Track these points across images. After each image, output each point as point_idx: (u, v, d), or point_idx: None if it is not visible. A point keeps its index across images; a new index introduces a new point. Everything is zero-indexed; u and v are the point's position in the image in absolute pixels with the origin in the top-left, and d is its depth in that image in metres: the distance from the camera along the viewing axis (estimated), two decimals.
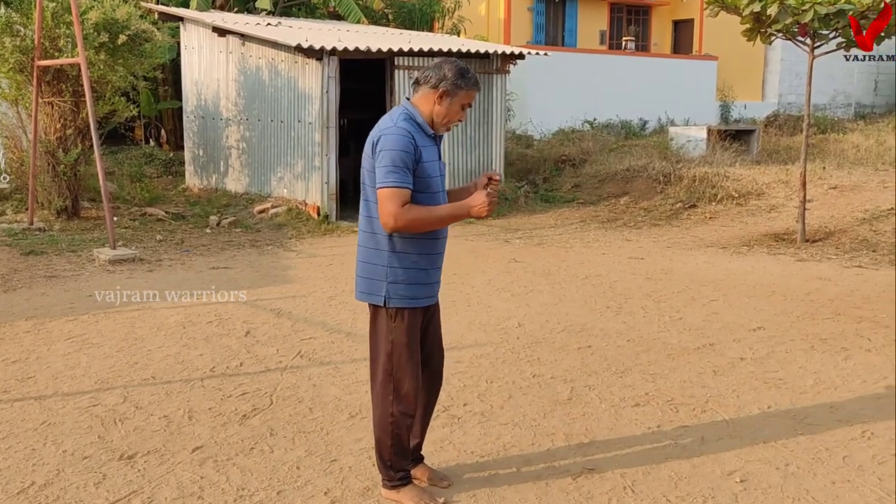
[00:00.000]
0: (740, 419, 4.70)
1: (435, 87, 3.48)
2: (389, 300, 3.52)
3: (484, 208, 3.38)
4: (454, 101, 3.48)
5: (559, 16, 23.23)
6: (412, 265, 3.51)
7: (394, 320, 3.54)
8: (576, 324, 6.71)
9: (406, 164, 3.36)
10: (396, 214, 3.32)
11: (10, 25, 10.47)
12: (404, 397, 3.59)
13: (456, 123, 3.58)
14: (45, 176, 11.27)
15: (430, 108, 3.50)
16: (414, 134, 3.42)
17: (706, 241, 10.66)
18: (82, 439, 4.36)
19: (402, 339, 3.55)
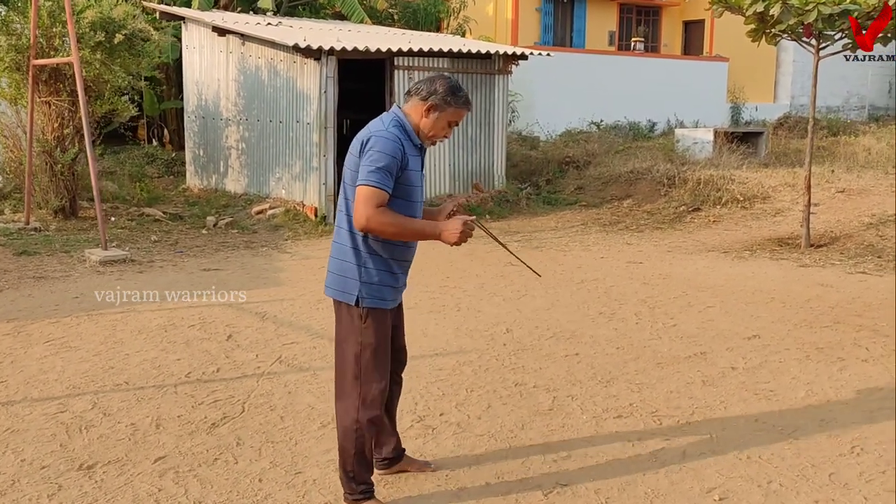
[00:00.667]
0: (725, 433, 4.54)
1: (424, 100, 3.47)
2: (362, 300, 3.46)
3: (455, 236, 3.34)
4: (441, 116, 3.47)
5: (567, 16, 23.05)
6: (385, 267, 3.49)
7: (364, 321, 3.48)
8: (565, 330, 6.56)
9: (390, 169, 3.33)
10: (370, 215, 3.28)
11: (6, 24, 10.40)
12: (371, 403, 3.50)
13: (441, 140, 3.56)
14: (43, 175, 11.20)
15: (418, 119, 3.49)
16: (403, 140, 3.41)
17: (708, 245, 10.47)
18: (43, 448, 4.24)
19: (371, 341, 3.48)
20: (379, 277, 3.47)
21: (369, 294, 3.46)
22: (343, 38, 12.09)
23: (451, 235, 3.34)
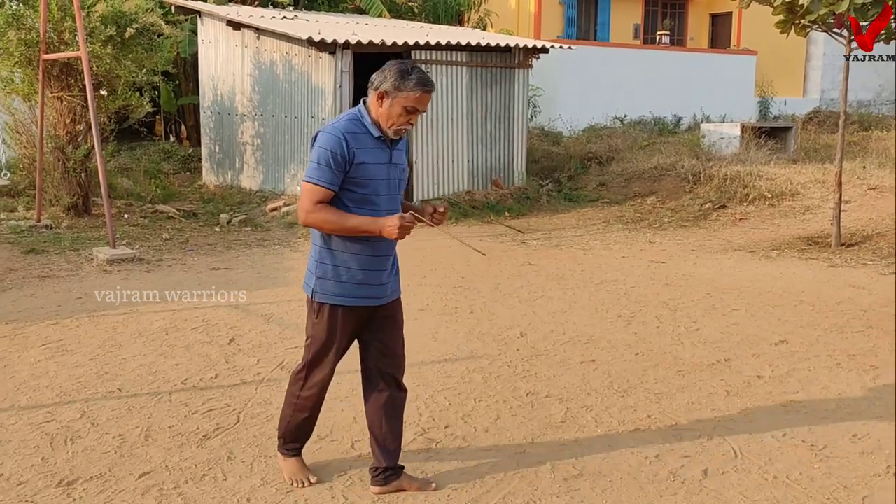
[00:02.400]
0: (750, 448, 4.22)
1: (376, 89, 3.42)
2: (315, 294, 3.55)
3: (394, 231, 3.32)
4: (395, 103, 3.37)
5: (592, 9, 22.64)
6: (341, 264, 3.49)
7: (316, 315, 3.57)
8: (582, 334, 6.26)
9: (331, 164, 3.33)
10: (308, 210, 3.37)
11: (16, 18, 10.23)
12: (312, 386, 3.67)
13: (404, 128, 3.43)
14: (56, 172, 11.05)
15: (377, 112, 3.43)
16: (352, 135, 3.37)
17: (734, 244, 10.11)
18: (24, 461, 4.01)
19: (321, 335, 3.57)
20: (335, 273, 3.50)
21: (323, 289, 3.52)
22: (359, 31, 11.83)
23: (389, 231, 3.32)
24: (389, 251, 3.58)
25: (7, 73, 10.58)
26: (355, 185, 3.38)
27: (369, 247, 3.48)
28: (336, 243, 3.47)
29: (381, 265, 3.55)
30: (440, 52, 11.88)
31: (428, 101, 3.42)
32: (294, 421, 3.76)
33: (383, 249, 3.53)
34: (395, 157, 3.52)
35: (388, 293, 3.64)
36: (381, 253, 3.53)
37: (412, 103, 3.35)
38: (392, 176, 3.48)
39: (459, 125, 12.34)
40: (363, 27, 12.85)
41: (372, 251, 3.50)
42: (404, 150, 3.63)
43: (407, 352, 5.69)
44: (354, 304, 3.53)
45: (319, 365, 3.63)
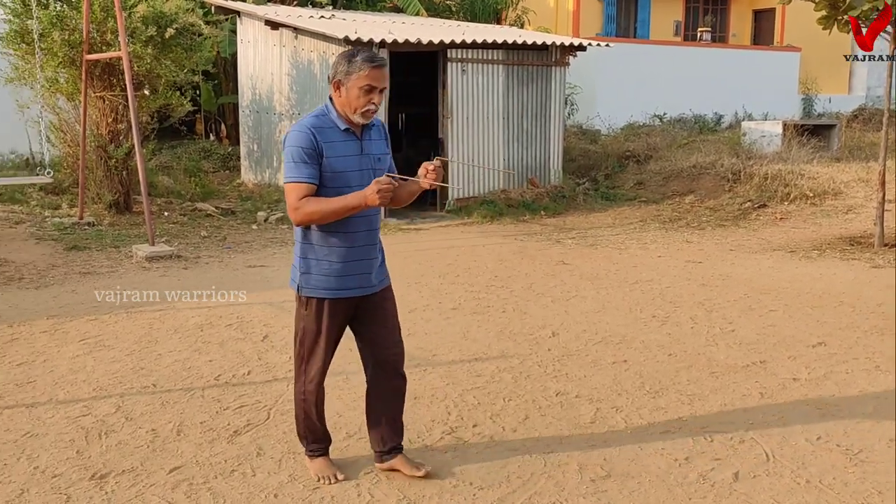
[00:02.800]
0: (783, 452, 4.16)
1: (331, 82, 3.52)
2: (301, 289, 3.65)
3: (375, 198, 3.33)
4: (350, 87, 3.44)
5: (631, 6, 22.45)
6: (323, 258, 3.58)
7: (304, 308, 3.66)
8: (615, 334, 6.21)
9: (305, 160, 3.42)
10: (295, 207, 3.45)
11: (60, 19, 10.42)
12: (311, 380, 3.74)
13: (369, 109, 3.47)
14: (98, 170, 11.25)
15: (339, 103, 3.51)
16: (318, 129, 3.46)
17: (774, 243, 9.96)
18: (59, 454, 4.09)
19: (311, 327, 3.66)
20: (318, 268, 3.58)
21: (307, 284, 3.62)
22: (395, 30, 11.86)
23: (371, 199, 3.35)
24: (369, 241, 3.64)
25: (52, 73, 10.78)
26: (326, 179, 3.45)
27: (348, 238, 3.55)
28: (316, 238, 3.55)
29: (361, 255, 3.61)
30: (476, 51, 11.87)
31: (381, 76, 3.44)
32: (307, 419, 3.81)
33: (361, 239, 3.59)
34: (368, 147, 3.57)
35: (373, 283, 3.70)
36: (359, 243, 3.59)
37: (365, 81, 3.40)
38: (364, 167, 3.51)
39: (495, 123, 12.32)
40: (399, 26, 12.88)
41: (351, 242, 3.56)
42: (382, 139, 3.68)
43: (437, 350, 5.75)
44: (339, 297, 3.61)
45: (312, 357, 3.70)
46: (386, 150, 3.70)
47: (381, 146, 3.66)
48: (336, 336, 3.73)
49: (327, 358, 3.73)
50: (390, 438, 3.88)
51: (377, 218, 3.71)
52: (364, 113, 3.46)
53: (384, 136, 3.72)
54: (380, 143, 3.66)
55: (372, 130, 3.62)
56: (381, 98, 3.48)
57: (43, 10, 10.24)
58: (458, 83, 11.80)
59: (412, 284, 7.84)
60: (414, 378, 5.21)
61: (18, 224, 10.30)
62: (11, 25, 10.60)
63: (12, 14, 10.56)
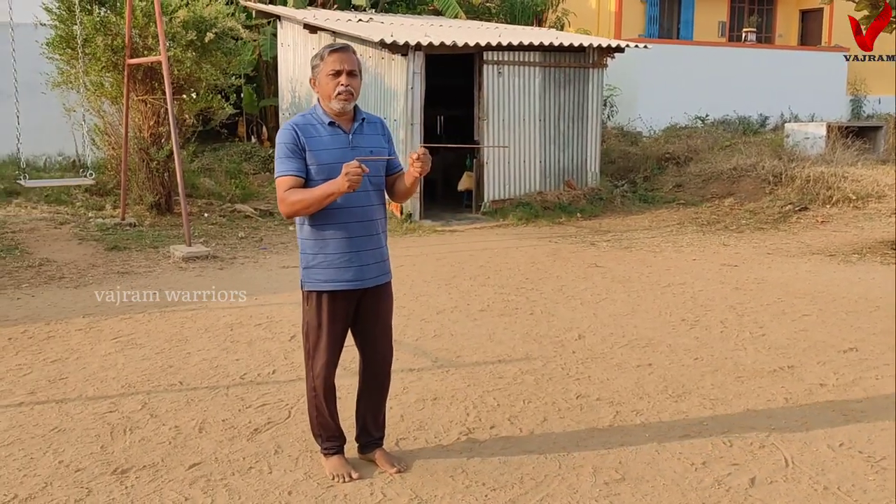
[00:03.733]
0: (804, 458, 4.10)
1: (310, 81, 3.76)
2: (304, 283, 3.77)
3: (345, 183, 3.42)
4: (321, 78, 3.63)
5: (675, 7, 22.23)
6: (320, 251, 3.68)
7: (307, 302, 3.77)
8: (642, 338, 6.17)
9: (289, 155, 3.58)
10: (281, 200, 3.61)
11: (104, 25, 10.65)
12: (318, 374, 3.80)
13: (341, 91, 3.58)
14: (140, 172, 11.47)
15: (320, 96, 3.69)
16: (302, 126, 3.63)
17: (813, 247, 9.80)
18: (84, 449, 4.19)
19: (314, 321, 3.76)
20: (316, 261, 3.69)
21: (308, 278, 3.74)
22: (431, 33, 11.91)
23: (341, 185, 3.44)
24: (364, 233, 3.70)
25: (96, 76, 11.03)
26: (313, 172, 3.58)
27: (341, 230, 3.65)
28: (312, 232, 3.67)
29: (357, 247, 3.68)
30: (512, 53, 11.86)
31: (344, 59, 3.58)
32: (319, 416, 3.87)
33: (356, 231, 3.68)
34: (358, 141, 3.68)
35: (372, 276, 3.76)
36: (354, 235, 3.67)
37: (330, 67, 3.57)
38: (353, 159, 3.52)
39: (532, 125, 12.30)
40: (436, 29, 12.93)
41: (344, 234, 3.66)
42: (379, 134, 3.79)
43: (462, 352, 5.78)
44: (337, 289, 3.69)
45: (317, 352, 3.77)
46: (384, 144, 3.78)
47: (377, 141, 3.75)
48: (340, 330, 3.79)
49: (333, 352, 3.79)
50: (370, 431, 4.01)
51: (373, 210, 3.75)
52: (338, 96, 3.58)
53: (382, 132, 3.81)
54: (374, 137, 3.75)
55: (365, 125, 3.74)
56: (350, 80, 3.59)
57: (87, 15, 10.48)
58: (494, 85, 11.81)
59: (443, 286, 7.87)
60: (436, 379, 5.26)
61: (63, 225, 10.54)
62: (57, 31, 10.87)
63: (58, 20, 10.82)
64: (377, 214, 3.78)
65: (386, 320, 3.91)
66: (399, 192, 3.83)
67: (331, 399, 3.86)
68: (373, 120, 3.80)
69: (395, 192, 3.84)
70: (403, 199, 3.92)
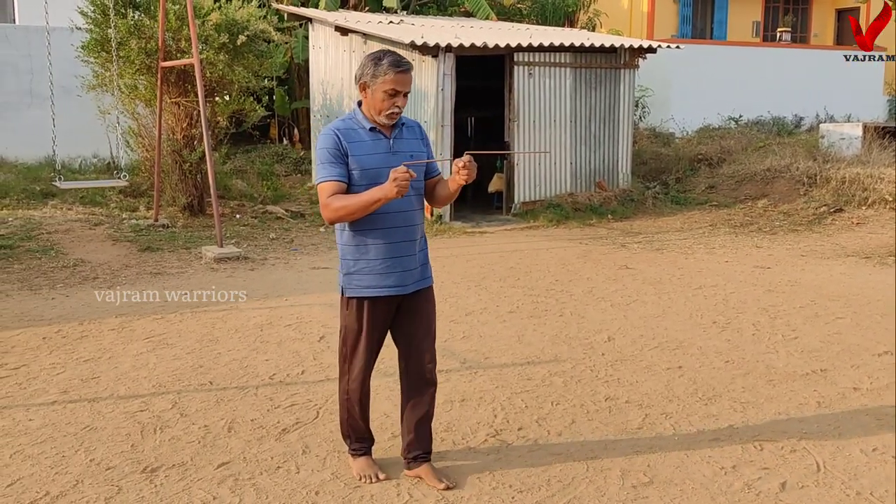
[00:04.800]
0: (835, 462, 4.04)
1: (358, 83, 3.61)
2: (344, 289, 3.73)
3: (392, 189, 3.36)
4: (375, 90, 3.52)
5: (708, 7, 22.04)
6: (361, 256, 3.64)
7: (346, 308, 3.75)
8: (672, 340, 6.12)
9: (331, 160, 3.53)
10: (324, 206, 3.53)
11: (137, 28, 10.78)
12: (354, 379, 3.80)
13: (393, 111, 3.55)
14: (173, 174, 11.59)
15: (365, 104, 3.61)
16: (343, 131, 3.57)
17: (848, 249, 9.66)
18: (115, 448, 4.24)
19: (353, 326, 3.74)
20: (357, 267, 3.65)
21: (348, 284, 3.70)
22: (461, 34, 11.91)
23: (389, 191, 3.37)
24: (407, 237, 3.66)
25: (130, 79, 11.16)
26: (356, 178, 3.53)
27: (384, 235, 3.61)
28: (353, 238, 3.62)
29: (400, 252, 3.65)
30: (543, 54, 11.82)
31: (405, 80, 3.52)
32: (350, 418, 3.87)
33: (398, 236, 3.63)
34: (398, 146, 3.62)
35: (413, 282, 3.74)
36: (396, 240, 3.63)
37: (390, 86, 3.48)
38: (394, 165, 3.46)
39: (562, 126, 12.25)
40: (467, 30, 12.92)
41: (387, 240, 3.61)
42: (418, 139, 3.74)
43: (491, 353, 5.77)
44: (378, 295, 3.66)
45: (354, 357, 3.75)
46: (422, 149, 3.74)
47: (416, 145, 3.71)
48: (378, 336, 3.78)
49: (370, 358, 3.78)
50: (416, 446, 3.88)
51: (415, 215, 3.71)
52: (388, 115, 3.55)
53: (420, 136, 3.77)
54: (413, 142, 3.70)
55: (405, 130, 3.69)
56: (404, 101, 3.56)
57: (121, 19, 10.61)
58: (525, 86, 11.78)
59: (472, 287, 7.86)
60: (464, 380, 5.25)
61: (97, 226, 10.66)
62: (92, 35, 11.01)
63: (93, 24, 10.96)
64: (418, 219, 3.74)
65: (429, 324, 3.84)
66: (439, 198, 3.80)
67: (364, 403, 3.86)
68: (411, 124, 3.75)
69: (435, 196, 3.80)
70: (443, 204, 3.87)
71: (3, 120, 13.90)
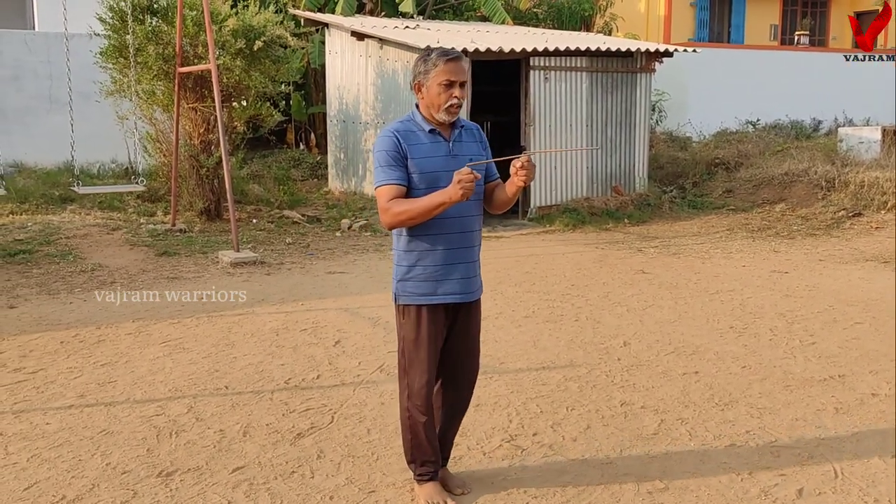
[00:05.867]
0: (853, 469, 4.01)
1: (413, 86, 3.56)
2: (398, 297, 3.59)
3: (458, 192, 3.25)
4: (430, 86, 3.45)
5: (725, 11, 21.97)
6: (417, 262, 3.53)
7: (403, 317, 3.60)
8: (689, 345, 6.09)
9: (390, 163, 3.42)
10: (384, 210, 3.41)
11: (155, 34, 10.86)
12: (416, 394, 3.59)
13: (453, 103, 3.44)
14: (190, 179, 11.65)
15: (423, 105, 3.53)
16: (402, 133, 3.47)
17: (867, 254, 9.58)
18: (131, 451, 4.26)
19: (410, 336, 3.57)
20: (413, 273, 3.53)
21: (403, 291, 3.57)
22: (477, 39, 11.92)
23: (454, 194, 3.26)
24: (465, 244, 3.54)
25: (148, 85, 11.24)
26: (415, 181, 3.42)
27: (442, 241, 3.49)
28: (410, 243, 3.51)
29: (458, 259, 3.53)
30: (559, 58, 11.81)
31: (459, 69, 3.41)
32: (414, 438, 3.65)
33: (457, 242, 3.51)
34: (458, 149, 3.51)
35: (471, 289, 3.60)
36: (455, 245, 3.51)
37: (443, 77, 3.40)
38: (454, 168, 3.37)
39: (579, 131, 12.23)
40: (483, 35, 12.93)
41: (445, 245, 3.49)
42: (476, 141, 3.61)
43: (506, 358, 5.76)
44: (437, 303, 3.52)
45: (414, 370, 3.57)
46: (480, 151, 3.60)
47: (475, 148, 3.59)
48: (439, 346, 3.61)
49: (432, 370, 3.58)
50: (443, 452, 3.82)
51: (474, 220, 3.59)
52: (448, 109, 3.43)
53: (479, 139, 3.64)
54: (472, 144, 3.59)
55: (463, 132, 3.57)
56: (462, 92, 3.45)
57: (139, 25, 10.69)
58: (541, 91, 11.78)
59: (487, 292, 7.81)
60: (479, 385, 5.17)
61: (115, 230, 10.73)
62: (110, 41, 11.09)
63: (111, 30, 11.04)
64: (476, 225, 3.62)
65: (476, 337, 3.74)
66: (498, 202, 3.63)
67: (430, 421, 3.63)
68: (469, 126, 3.63)
69: (494, 201, 3.64)
70: (501, 209, 3.67)
71: (22, 125, 14.03)
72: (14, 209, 11.27)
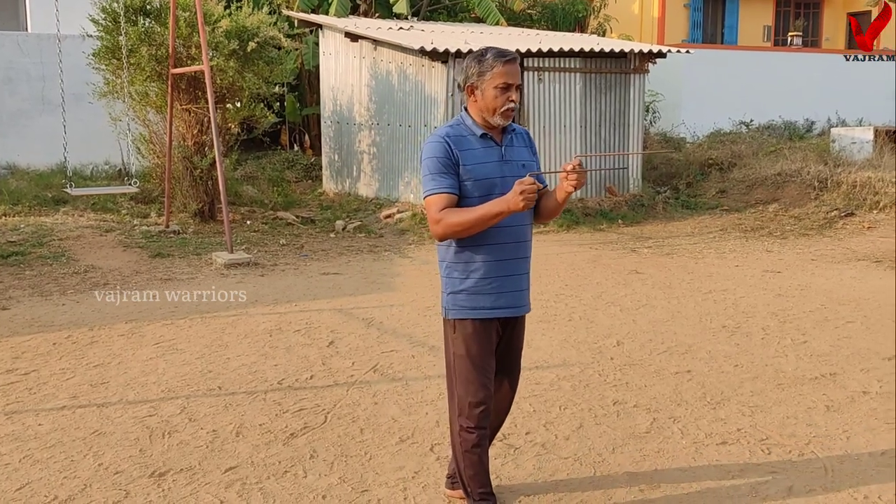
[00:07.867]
0: (843, 467, 4.03)
1: (464, 89, 3.34)
2: (448, 311, 3.41)
3: (518, 202, 3.05)
4: (485, 88, 3.24)
5: (718, 12, 22.03)
6: (470, 274, 3.34)
7: (454, 331, 3.40)
8: (681, 344, 6.11)
9: (441, 170, 3.24)
10: (436, 220, 3.23)
11: (148, 35, 10.85)
12: (468, 413, 3.38)
13: (510, 107, 3.26)
14: (184, 180, 11.64)
15: (475, 108, 3.32)
16: (454, 138, 3.28)
17: (859, 253, 9.62)
18: (123, 452, 4.27)
19: (461, 351, 3.38)
20: (463, 286, 3.34)
21: (454, 305, 3.38)
22: (471, 40, 11.94)
23: (515, 204, 3.07)
24: (518, 254, 3.37)
25: (141, 86, 11.23)
26: (468, 189, 3.25)
27: (494, 252, 3.32)
28: (462, 254, 3.33)
29: (511, 270, 3.36)
30: (553, 59, 11.84)
31: (514, 71, 3.25)
32: (467, 461, 3.44)
33: (510, 253, 3.34)
34: (510, 154, 3.35)
35: (524, 303, 3.45)
36: (508, 257, 3.34)
37: (500, 79, 3.21)
38: (507, 174, 3.26)
39: (573, 132, 12.27)
40: (477, 36, 12.96)
41: (498, 256, 3.32)
42: (526, 146, 3.46)
43: None
44: (489, 317, 3.35)
45: (470, 390, 3.36)
46: (531, 157, 3.45)
47: (525, 153, 3.42)
48: (493, 363, 3.43)
49: (487, 389, 3.38)
50: None
51: (526, 230, 3.41)
52: (504, 112, 3.25)
53: (528, 143, 3.48)
54: (523, 149, 3.42)
55: (514, 137, 3.40)
56: (518, 96, 3.29)
57: (132, 26, 10.68)
58: (535, 92, 11.80)
59: None
60: None
61: (109, 232, 10.73)
62: (103, 42, 11.08)
63: (104, 31, 11.03)
64: (529, 235, 3.44)
65: (519, 354, 3.61)
66: (547, 211, 3.40)
67: (485, 445, 3.45)
68: (519, 131, 3.45)
69: (542, 210, 3.40)
70: (549, 218, 3.47)
71: (15, 127, 14.01)
72: (7, 211, 11.26)
